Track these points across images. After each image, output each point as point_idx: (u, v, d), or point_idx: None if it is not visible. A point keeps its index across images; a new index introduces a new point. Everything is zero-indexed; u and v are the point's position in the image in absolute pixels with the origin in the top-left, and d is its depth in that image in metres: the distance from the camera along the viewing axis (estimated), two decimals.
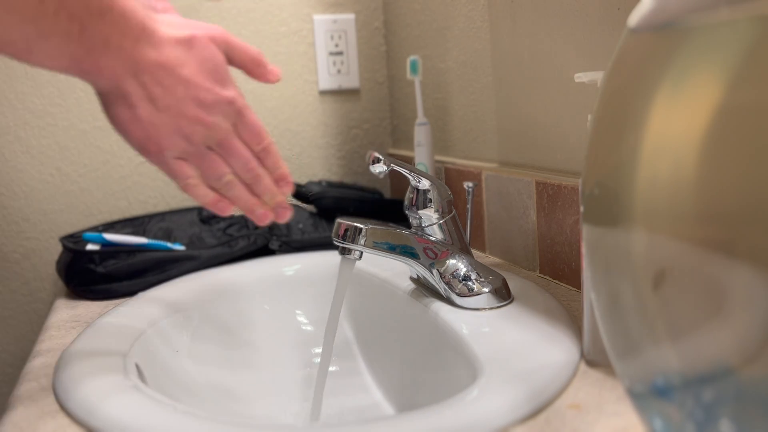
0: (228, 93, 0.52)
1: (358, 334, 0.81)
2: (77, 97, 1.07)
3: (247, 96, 1.16)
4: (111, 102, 0.49)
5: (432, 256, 0.65)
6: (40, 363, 0.60)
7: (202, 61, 0.50)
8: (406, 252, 0.65)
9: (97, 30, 0.43)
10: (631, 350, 0.32)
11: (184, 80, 0.49)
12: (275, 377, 0.74)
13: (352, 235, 0.62)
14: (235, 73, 0.54)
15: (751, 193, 0.24)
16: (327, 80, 1.21)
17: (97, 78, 0.47)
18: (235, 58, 0.54)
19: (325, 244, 0.93)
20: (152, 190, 1.12)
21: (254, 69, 0.56)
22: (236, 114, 0.53)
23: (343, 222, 0.63)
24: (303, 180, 1.22)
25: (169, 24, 0.50)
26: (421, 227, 0.67)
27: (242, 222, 0.97)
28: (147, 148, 0.51)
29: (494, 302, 0.64)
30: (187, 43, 0.50)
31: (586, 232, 0.34)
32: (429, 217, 0.67)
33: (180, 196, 1.14)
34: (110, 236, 0.85)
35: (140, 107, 0.49)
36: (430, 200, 0.66)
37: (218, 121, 0.52)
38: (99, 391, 0.50)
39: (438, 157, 1.02)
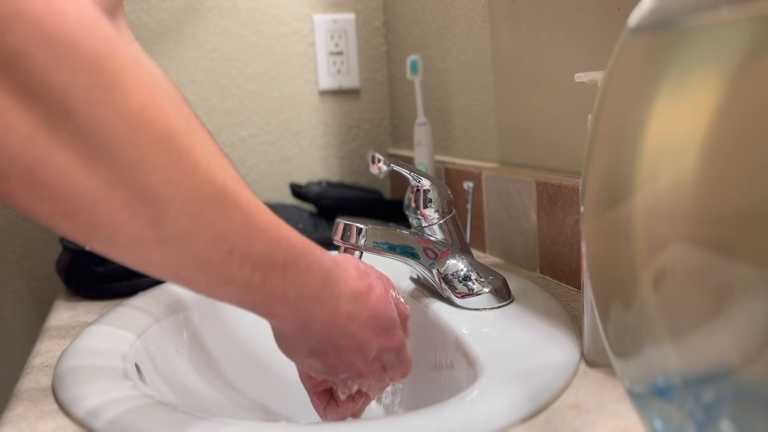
0: (390, 343, 0.53)
1: None
2: None
3: (248, 96, 1.16)
4: (278, 334, 0.51)
5: (432, 256, 0.65)
6: (40, 363, 0.60)
7: (373, 314, 0.51)
8: (406, 252, 0.65)
9: (277, 282, 0.44)
10: (631, 350, 0.32)
11: (351, 334, 0.50)
12: (276, 376, 0.74)
13: (352, 235, 0.62)
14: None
15: (751, 194, 0.24)
16: (327, 80, 1.21)
17: (269, 319, 0.48)
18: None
19: (325, 244, 0.93)
20: None
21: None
22: (395, 355, 0.54)
23: (343, 222, 0.63)
24: (303, 180, 1.22)
25: (351, 275, 0.51)
26: (421, 227, 0.67)
27: None
28: (300, 369, 0.55)
29: (494, 302, 0.64)
30: (365, 294, 0.51)
31: (586, 231, 0.34)
32: (429, 217, 0.67)
33: None
34: None
35: (303, 349, 0.51)
36: (430, 200, 0.66)
37: (373, 369, 0.53)
38: (99, 391, 0.50)
39: (438, 157, 1.02)
